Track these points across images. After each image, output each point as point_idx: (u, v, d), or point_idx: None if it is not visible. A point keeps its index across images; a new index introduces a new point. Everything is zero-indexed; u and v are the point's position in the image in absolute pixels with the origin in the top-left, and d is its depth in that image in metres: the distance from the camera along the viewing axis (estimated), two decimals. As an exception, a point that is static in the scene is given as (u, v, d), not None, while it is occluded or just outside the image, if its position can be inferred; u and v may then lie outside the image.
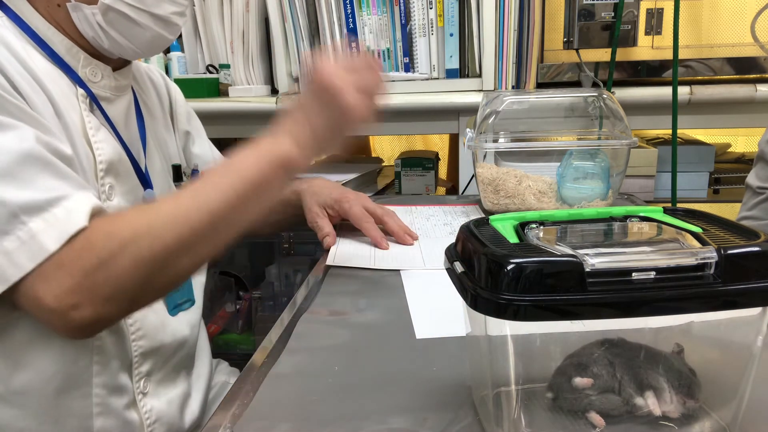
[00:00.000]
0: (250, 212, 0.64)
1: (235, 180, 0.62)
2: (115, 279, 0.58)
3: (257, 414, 0.49)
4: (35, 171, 0.59)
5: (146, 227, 0.59)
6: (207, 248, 0.63)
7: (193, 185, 0.63)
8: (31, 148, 0.59)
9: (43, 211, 0.57)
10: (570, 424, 0.42)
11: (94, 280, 0.57)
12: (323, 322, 0.65)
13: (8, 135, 0.58)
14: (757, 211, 1.01)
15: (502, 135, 1.11)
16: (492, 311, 0.37)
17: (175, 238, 0.59)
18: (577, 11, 1.31)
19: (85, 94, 0.72)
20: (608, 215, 0.47)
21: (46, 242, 0.56)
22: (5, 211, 0.57)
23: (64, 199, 0.59)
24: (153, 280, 0.61)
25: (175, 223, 0.60)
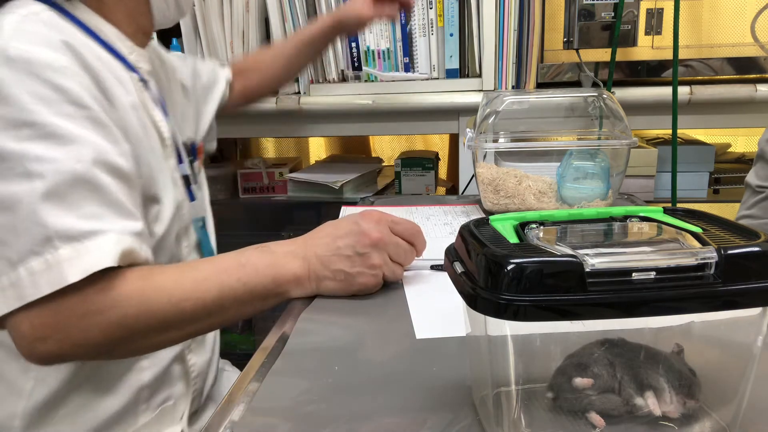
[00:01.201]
0: (255, 307, 0.69)
1: (235, 282, 0.66)
2: (91, 332, 0.60)
3: (257, 414, 0.49)
4: (83, 195, 0.60)
5: (138, 298, 0.62)
6: (187, 333, 0.67)
7: (200, 269, 0.66)
8: (86, 171, 0.61)
9: (77, 241, 0.59)
10: (570, 424, 0.42)
11: (73, 325, 0.59)
12: (323, 322, 0.65)
13: (66, 150, 0.60)
14: (756, 210, 1.01)
15: (502, 135, 1.11)
16: (492, 311, 0.37)
17: (162, 317, 0.63)
18: (577, 11, 1.31)
19: (137, 77, 0.78)
20: (608, 215, 0.47)
21: (68, 273, 0.58)
22: (42, 232, 0.58)
23: (101, 235, 0.60)
24: (125, 345, 0.64)
25: (169, 303, 0.63)
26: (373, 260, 0.69)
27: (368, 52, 1.45)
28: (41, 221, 0.58)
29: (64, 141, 0.60)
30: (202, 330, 0.69)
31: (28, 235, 0.58)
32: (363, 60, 1.46)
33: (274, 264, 0.68)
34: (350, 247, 0.69)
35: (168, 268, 0.66)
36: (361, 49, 1.45)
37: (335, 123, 1.50)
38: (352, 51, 1.45)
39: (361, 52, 1.45)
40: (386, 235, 0.70)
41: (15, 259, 0.58)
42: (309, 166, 1.84)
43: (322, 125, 1.51)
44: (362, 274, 0.69)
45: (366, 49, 1.45)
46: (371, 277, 0.70)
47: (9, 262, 0.58)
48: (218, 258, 0.70)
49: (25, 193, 0.58)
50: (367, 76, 1.46)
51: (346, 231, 0.70)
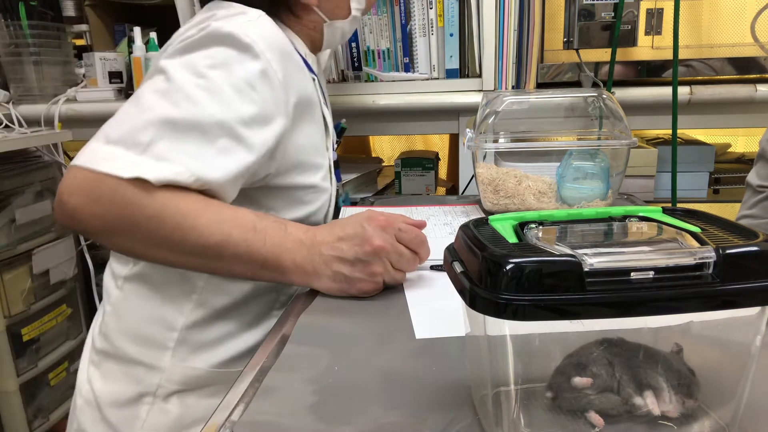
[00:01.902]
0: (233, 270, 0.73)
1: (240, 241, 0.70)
2: (107, 210, 0.67)
3: (257, 414, 0.49)
4: (195, 137, 0.69)
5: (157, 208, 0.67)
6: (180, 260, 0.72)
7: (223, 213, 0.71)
8: (212, 123, 0.70)
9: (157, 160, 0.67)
10: (569, 424, 0.42)
11: (101, 197, 0.67)
12: (323, 323, 0.65)
13: (215, 105, 0.70)
14: (757, 209, 1.01)
15: (502, 135, 1.11)
16: (491, 311, 0.37)
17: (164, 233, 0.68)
18: (577, 11, 1.31)
19: (313, 76, 0.89)
20: (607, 215, 0.47)
21: (127, 170, 0.66)
22: (144, 139, 0.67)
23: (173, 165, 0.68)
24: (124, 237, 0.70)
25: (176, 226, 0.68)
26: (373, 268, 0.70)
27: (368, 52, 1.45)
28: (149, 132, 0.67)
29: (216, 99, 0.71)
30: (194, 265, 0.73)
31: (133, 133, 0.68)
32: (363, 60, 1.46)
33: (282, 244, 0.71)
34: (352, 252, 0.69)
35: (200, 198, 0.70)
36: (361, 49, 1.45)
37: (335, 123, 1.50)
38: (352, 51, 1.45)
39: (361, 52, 1.45)
40: (390, 243, 0.70)
41: (112, 139, 0.68)
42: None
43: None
44: (362, 280, 0.70)
45: (366, 49, 1.45)
46: (370, 283, 0.70)
47: (106, 137, 0.68)
48: (241, 212, 0.72)
49: (160, 109, 0.69)
50: (367, 76, 1.46)
51: (350, 234, 0.71)
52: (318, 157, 0.86)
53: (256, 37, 0.74)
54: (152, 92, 0.71)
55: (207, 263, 0.71)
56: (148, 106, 0.69)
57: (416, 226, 0.75)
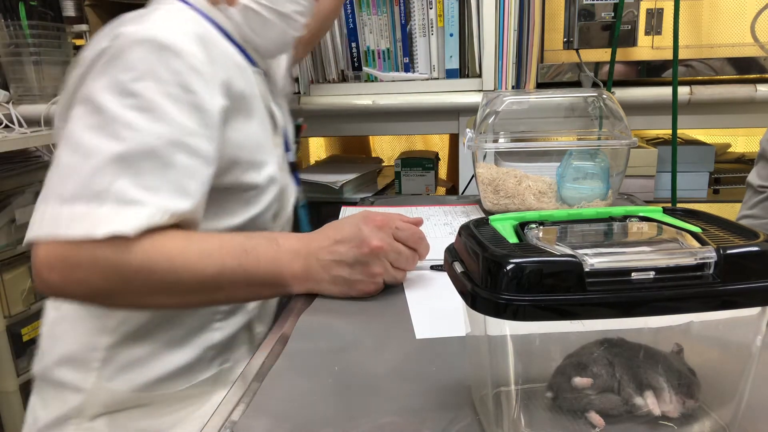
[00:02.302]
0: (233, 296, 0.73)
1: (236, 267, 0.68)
2: (93, 276, 0.64)
3: (257, 414, 0.49)
4: (149, 167, 0.65)
5: (144, 258, 0.64)
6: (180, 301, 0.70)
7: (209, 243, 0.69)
8: (160, 147, 0.66)
9: (121, 204, 0.63)
10: (570, 424, 0.42)
11: (81, 265, 0.63)
12: (323, 323, 0.65)
13: (154, 125, 0.66)
14: (757, 209, 1.01)
15: (502, 135, 1.11)
16: (491, 311, 0.37)
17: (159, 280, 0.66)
18: (577, 11, 1.31)
19: (261, 72, 0.86)
20: (608, 215, 0.47)
21: (98, 228, 0.62)
22: (99, 186, 0.63)
23: (141, 206, 0.64)
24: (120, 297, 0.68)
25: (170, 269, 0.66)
26: (373, 269, 0.69)
27: (368, 52, 1.45)
28: (103, 177, 0.63)
29: (156, 117, 0.66)
30: (195, 303, 0.71)
31: (87, 183, 0.63)
32: (363, 60, 1.46)
33: (277, 259, 0.70)
34: (351, 254, 0.69)
35: (182, 236, 0.68)
36: (361, 49, 1.45)
37: (335, 123, 1.50)
38: (352, 51, 1.45)
39: (361, 52, 1.45)
40: (387, 243, 0.70)
41: (66, 197, 0.63)
42: (309, 166, 1.84)
43: (322, 125, 1.51)
44: (362, 281, 0.70)
45: (366, 49, 1.45)
46: (371, 284, 0.70)
47: (59, 197, 0.64)
48: (227, 237, 0.71)
49: (104, 150, 0.64)
50: (367, 76, 1.46)
51: (347, 236, 0.70)
52: (259, 155, 0.81)
53: (171, 32, 0.69)
54: (87, 131, 0.65)
55: (208, 297, 0.70)
56: (90, 149, 0.64)
57: (413, 224, 0.74)
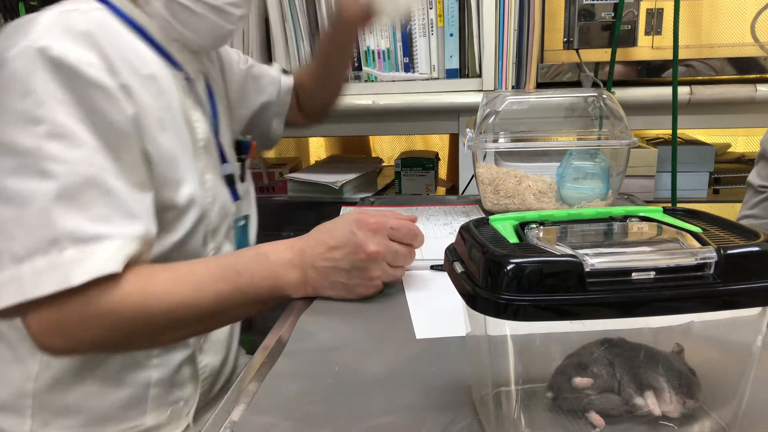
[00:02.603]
0: (235, 316, 0.73)
1: (233, 290, 0.67)
2: (94, 331, 0.63)
3: (257, 414, 0.49)
4: (93, 197, 0.61)
5: (137, 306, 0.63)
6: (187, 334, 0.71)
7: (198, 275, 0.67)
8: (98, 174, 0.62)
9: (83, 243, 0.60)
10: (570, 424, 0.42)
11: (77, 324, 0.61)
12: (323, 323, 0.65)
13: (80, 152, 0.61)
14: (758, 209, 1.01)
15: (502, 135, 1.11)
16: (492, 311, 0.37)
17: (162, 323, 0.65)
18: (577, 11, 1.31)
19: (184, 76, 0.77)
20: (608, 215, 0.47)
21: (73, 275, 0.59)
22: (51, 232, 0.59)
23: (107, 239, 0.61)
24: (127, 344, 0.68)
25: (165, 312, 0.64)
26: (371, 273, 0.68)
27: (368, 52, 1.45)
28: (51, 221, 0.59)
29: (76, 143, 0.61)
30: (200, 332, 0.71)
31: (36, 233, 0.59)
32: (363, 60, 1.46)
33: (271, 275, 0.69)
34: (346, 260, 0.68)
35: (167, 271, 0.66)
36: (361, 49, 1.45)
37: (335, 123, 1.50)
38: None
39: (361, 52, 1.45)
40: (384, 246, 0.69)
41: (21, 255, 0.58)
42: (309, 166, 1.84)
43: (322, 125, 1.51)
44: (360, 285, 0.69)
45: (366, 49, 1.45)
46: (370, 287, 0.70)
47: (13, 257, 0.59)
48: (214, 263, 0.69)
49: (39, 192, 0.59)
50: (367, 76, 1.46)
51: (342, 242, 0.68)
52: (174, 171, 0.72)
53: (60, 43, 0.62)
54: (10, 176, 0.60)
55: (211, 324, 0.71)
56: (23, 196, 0.59)
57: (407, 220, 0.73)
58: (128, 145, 0.66)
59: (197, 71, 0.82)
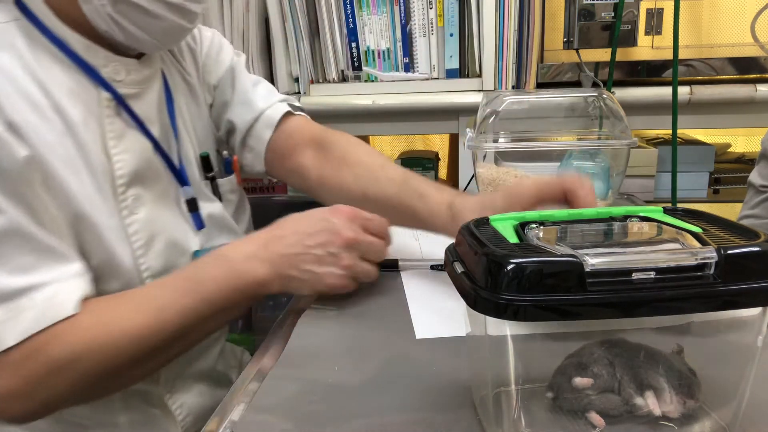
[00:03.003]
0: (208, 330, 0.67)
1: (198, 302, 0.62)
2: (57, 390, 0.58)
3: (257, 414, 0.49)
4: (11, 248, 0.56)
5: (99, 344, 0.58)
6: (160, 362, 0.65)
7: (157, 297, 0.62)
8: (9, 221, 0.56)
9: (9, 300, 0.56)
10: (570, 424, 0.42)
11: (37, 387, 0.57)
12: (323, 323, 0.65)
13: None
14: (759, 209, 1.01)
15: (502, 135, 1.11)
16: (492, 311, 0.37)
17: (129, 357, 0.60)
18: (577, 11, 1.30)
19: (110, 96, 0.67)
20: (608, 215, 0.47)
21: (5, 336, 0.55)
22: None
23: (36, 290, 0.57)
24: (97, 392, 0.63)
25: (131, 344, 0.60)
26: (344, 261, 0.65)
27: (368, 52, 1.45)
28: None
29: None
30: (176, 353, 0.66)
31: None
32: (363, 60, 1.46)
33: (235, 274, 0.64)
34: (321, 246, 0.65)
35: (122, 301, 0.62)
36: (361, 49, 1.45)
37: (335, 123, 1.49)
38: (352, 51, 1.45)
39: (361, 52, 1.45)
40: (360, 234, 0.66)
41: None
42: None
43: (322, 125, 1.51)
44: (331, 274, 0.65)
45: (366, 49, 1.45)
46: (340, 277, 0.66)
47: None
48: (173, 279, 0.64)
49: None
50: (367, 76, 1.46)
51: (316, 228, 0.66)
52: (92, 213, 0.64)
53: None
54: None
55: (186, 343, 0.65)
56: None
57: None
58: (33, 190, 0.59)
59: (141, 81, 0.71)
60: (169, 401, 0.76)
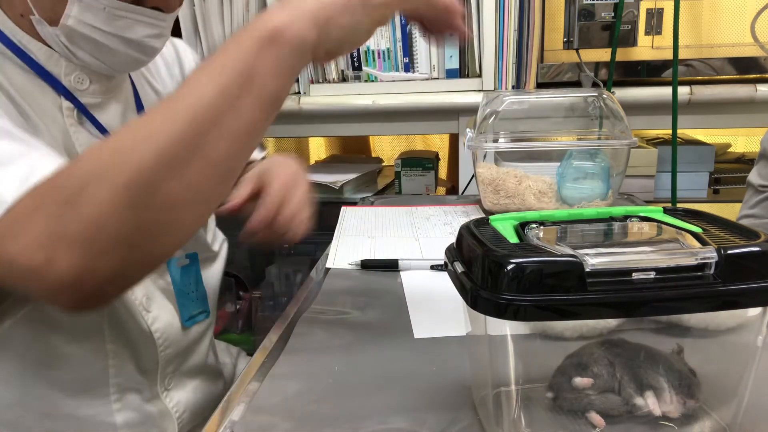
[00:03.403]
0: (244, 112, 0.47)
1: (214, 74, 0.46)
2: (89, 216, 0.45)
3: (257, 414, 0.49)
4: None
5: (112, 150, 0.46)
6: (199, 165, 0.46)
7: (168, 96, 0.49)
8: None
9: (2, 166, 0.50)
10: (570, 424, 0.42)
11: (64, 222, 0.45)
12: (323, 322, 0.65)
13: None
14: (758, 209, 1.00)
15: (502, 135, 1.11)
16: (492, 311, 0.37)
17: (152, 152, 0.45)
18: (577, 11, 1.31)
19: (72, 106, 0.65)
20: (608, 215, 0.47)
21: (2, 193, 0.47)
22: None
23: (25, 156, 0.51)
24: (141, 215, 0.46)
25: (149, 138, 0.45)
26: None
27: (368, 52, 1.45)
28: None
29: None
30: (213, 150, 0.46)
31: None
32: (363, 60, 1.46)
33: (248, 28, 0.47)
34: None
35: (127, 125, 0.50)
36: (361, 49, 1.45)
37: (335, 123, 1.50)
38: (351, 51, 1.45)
39: (361, 52, 1.45)
40: None
41: None
42: (309, 166, 1.84)
43: (322, 125, 1.51)
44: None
45: (366, 49, 1.45)
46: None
47: None
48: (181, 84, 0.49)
49: None
50: (367, 76, 1.46)
51: None
52: None
53: None
54: None
55: (220, 125, 0.46)
56: None
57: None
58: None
59: (107, 90, 0.69)
60: (165, 399, 0.76)
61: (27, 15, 0.61)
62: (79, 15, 0.59)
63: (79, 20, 0.60)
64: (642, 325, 0.44)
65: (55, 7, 0.59)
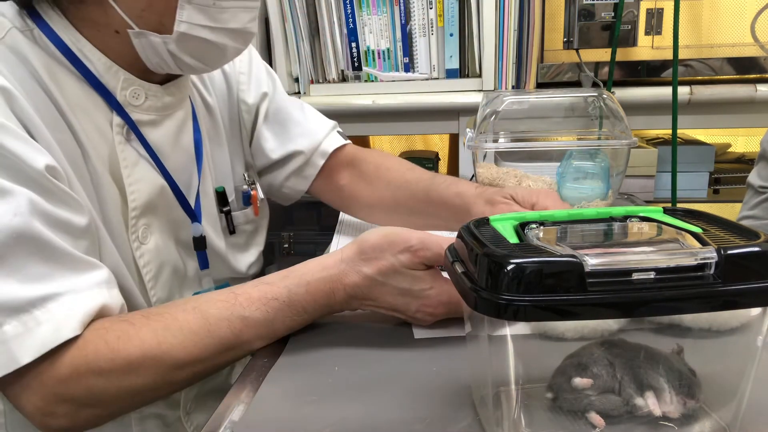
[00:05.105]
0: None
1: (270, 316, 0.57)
2: (102, 406, 0.54)
3: (257, 414, 0.49)
4: (25, 254, 0.51)
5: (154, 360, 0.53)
6: (211, 370, 0.59)
7: (207, 309, 0.57)
8: (24, 223, 0.51)
9: (24, 312, 0.50)
10: (570, 424, 0.42)
11: (72, 393, 0.52)
12: (323, 322, 0.65)
13: (1, 205, 0.51)
14: (758, 210, 1.01)
15: (502, 135, 1.11)
16: (492, 311, 0.37)
17: (184, 365, 0.55)
18: (577, 11, 1.31)
19: (122, 122, 0.65)
20: (608, 215, 0.47)
21: (18, 353, 0.49)
22: None
23: (52, 300, 0.51)
24: (144, 402, 0.58)
25: (188, 353, 0.55)
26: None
27: (368, 52, 1.45)
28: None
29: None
30: (229, 361, 0.60)
31: None
32: (363, 60, 1.46)
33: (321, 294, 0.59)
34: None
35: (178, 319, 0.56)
36: (361, 49, 1.45)
37: (335, 123, 1.50)
38: (352, 51, 1.45)
39: (361, 52, 1.45)
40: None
41: None
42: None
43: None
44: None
45: (366, 49, 1.45)
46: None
47: None
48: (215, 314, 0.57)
49: None
50: (367, 76, 1.46)
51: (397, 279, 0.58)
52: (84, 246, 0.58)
53: None
54: None
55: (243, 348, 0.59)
56: None
57: None
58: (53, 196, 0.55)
59: (163, 108, 0.69)
60: (186, 423, 0.75)
61: (124, 30, 0.61)
62: (190, 18, 0.61)
63: (191, 24, 0.61)
64: (642, 325, 0.44)
65: (162, 19, 0.61)
